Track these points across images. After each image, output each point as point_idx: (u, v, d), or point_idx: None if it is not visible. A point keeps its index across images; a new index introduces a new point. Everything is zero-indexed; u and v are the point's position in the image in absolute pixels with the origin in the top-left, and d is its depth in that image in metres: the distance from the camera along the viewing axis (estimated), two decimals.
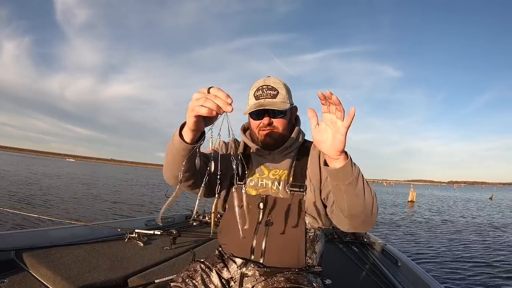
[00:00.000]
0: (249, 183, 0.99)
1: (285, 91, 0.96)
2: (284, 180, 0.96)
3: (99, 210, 8.26)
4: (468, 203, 20.47)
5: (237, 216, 0.74)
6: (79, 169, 39.63)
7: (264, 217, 0.92)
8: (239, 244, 0.93)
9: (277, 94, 0.94)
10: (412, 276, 1.67)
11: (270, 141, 0.97)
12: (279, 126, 0.96)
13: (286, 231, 0.90)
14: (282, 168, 0.99)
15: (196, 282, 0.89)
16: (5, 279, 1.23)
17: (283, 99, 0.95)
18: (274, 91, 0.94)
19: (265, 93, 0.94)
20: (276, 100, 0.94)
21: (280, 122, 0.96)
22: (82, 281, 1.26)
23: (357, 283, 1.73)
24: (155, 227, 2.18)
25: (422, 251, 5.77)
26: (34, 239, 1.58)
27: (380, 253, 2.15)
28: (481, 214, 13.45)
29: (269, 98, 0.94)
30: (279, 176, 0.97)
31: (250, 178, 0.99)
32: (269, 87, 0.95)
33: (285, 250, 0.90)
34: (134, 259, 1.61)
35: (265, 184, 0.97)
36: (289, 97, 0.98)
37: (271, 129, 0.95)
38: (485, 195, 35.82)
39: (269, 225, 0.90)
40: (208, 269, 0.94)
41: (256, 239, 0.91)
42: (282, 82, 0.98)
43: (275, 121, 0.95)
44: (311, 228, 0.94)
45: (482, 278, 4.25)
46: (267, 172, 0.99)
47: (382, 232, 7.75)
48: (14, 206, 6.90)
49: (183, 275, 0.92)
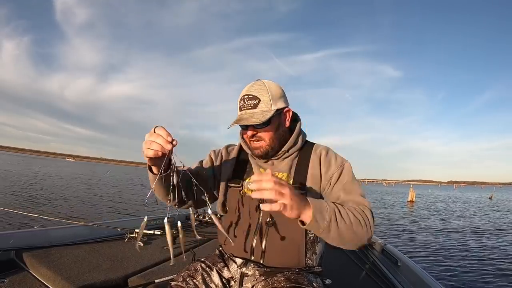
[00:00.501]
0: (246, 185, 0.97)
1: (268, 98, 0.90)
2: None
3: (99, 210, 8.26)
4: (468, 203, 20.47)
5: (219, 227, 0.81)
6: (79, 169, 39.61)
7: (263, 218, 0.91)
8: (239, 244, 0.93)
9: (258, 103, 0.89)
10: (412, 276, 1.67)
11: (259, 153, 0.94)
12: (265, 137, 0.92)
13: (286, 232, 0.89)
14: (282, 171, 0.96)
15: (196, 281, 0.90)
16: (5, 279, 1.23)
17: (266, 107, 0.89)
18: (255, 101, 0.89)
19: (246, 104, 0.90)
20: (256, 111, 0.89)
21: (266, 132, 0.92)
22: (82, 281, 1.26)
23: (357, 283, 1.73)
24: (155, 227, 2.18)
25: (421, 251, 5.77)
26: (34, 239, 1.58)
27: (380, 253, 2.15)
28: (480, 214, 13.46)
29: (250, 109, 0.90)
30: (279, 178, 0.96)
31: (248, 181, 0.97)
32: (250, 97, 0.90)
33: (285, 251, 0.90)
34: (134, 259, 1.60)
35: None
36: (275, 101, 0.91)
37: (257, 139, 0.92)
38: (484, 195, 35.84)
39: (269, 226, 0.89)
40: (209, 269, 0.95)
41: (256, 239, 0.90)
42: (267, 87, 0.91)
43: (260, 132, 0.92)
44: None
45: (481, 277, 4.25)
46: None
47: (382, 232, 7.76)
48: (14, 206, 6.90)
49: (183, 274, 0.93)
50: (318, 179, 0.93)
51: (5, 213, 5.69)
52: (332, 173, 0.92)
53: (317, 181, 0.93)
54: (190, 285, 0.88)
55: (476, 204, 20.16)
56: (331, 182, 0.92)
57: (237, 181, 0.99)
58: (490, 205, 19.55)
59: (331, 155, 0.97)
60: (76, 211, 7.66)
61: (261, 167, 0.99)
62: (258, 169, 0.99)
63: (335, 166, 0.94)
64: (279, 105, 0.92)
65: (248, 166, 1.02)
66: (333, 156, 0.97)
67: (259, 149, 0.94)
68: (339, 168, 0.93)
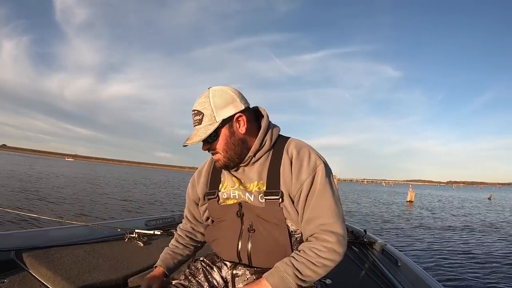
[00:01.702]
0: (221, 196, 0.96)
1: (210, 110, 0.86)
2: (257, 191, 0.90)
3: (100, 209, 8.26)
4: (467, 203, 20.48)
5: None
6: (78, 168, 39.61)
7: (245, 224, 0.91)
8: (226, 249, 0.94)
9: (202, 118, 0.87)
10: (412, 276, 1.67)
11: (219, 165, 0.92)
12: (219, 149, 0.89)
13: (269, 236, 0.88)
14: (252, 180, 0.92)
15: (199, 279, 0.92)
16: (5, 279, 1.23)
17: (210, 121, 0.86)
18: (199, 116, 0.87)
19: (194, 120, 0.89)
20: (201, 126, 0.87)
21: (218, 145, 0.89)
22: (82, 281, 1.26)
23: (357, 283, 1.74)
24: (155, 227, 2.18)
25: (421, 251, 5.78)
26: (34, 239, 1.58)
27: (380, 253, 2.15)
28: (479, 214, 13.47)
29: (197, 125, 0.88)
30: (250, 189, 0.91)
31: (222, 191, 0.96)
32: (195, 112, 0.89)
33: (271, 253, 0.89)
34: (134, 259, 1.60)
35: (237, 195, 0.93)
36: (219, 112, 0.87)
37: (214, 152, 0.91)
38: (484, 195, 35.86)
39: (251, 232, 0.89)
40: (209, 267, 0.97)
41: (241, 244, 0.90)
42: (211, 98, 0.88)
43: (214, 145, 0.89)
44: (297, 230, 0.90)
45: (481, 277, 4.26)
46: (237, 183, 0.94)
47: (381, 232, 7.76)
48: (14, 206, 6.90)
49: (186, 272, 0.94)
50: (289, 184, 0.87)
51: (5, 213, 5.69)
52: (304, 179, 0.85)
53: (289, 186, 0.87)
54: (193, 283, 0.89)
55: (475, 204, 20.17)
56: (302, 190, 0.85)
57: (212, 192, 0.98)
58: (490, 205, 19.55)
59: (304, 155, 0.88)
60: (76, 211, 7.66)
61: (233, 175, 0.96)
62: (231, 178, 0.95)
63: (307, 170, 0.86)
64: (224, 114, 0.87)
65: (222, 176, 0.99)
66: (305, 156, 0.88)
67: (218, 162, 0.92)
68: (311, 173, 0.86)
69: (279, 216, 0.87)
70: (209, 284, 0.92)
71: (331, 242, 0.81)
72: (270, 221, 0.88)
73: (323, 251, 0.80)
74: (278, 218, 0.87)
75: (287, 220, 0.88)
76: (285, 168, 0.88)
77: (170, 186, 22.94)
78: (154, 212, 8.47)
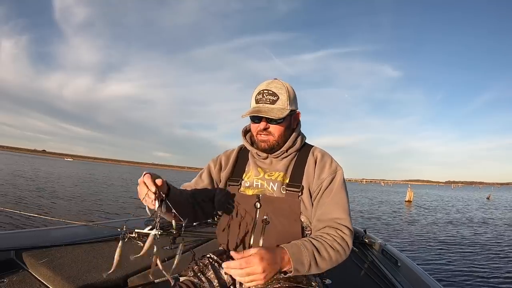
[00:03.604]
0: (244, 184, 1.01)
1: (286, 97, 0.95)
2: (280, 181, 0.97)
3: (100, 209, 8.26)
4: (466, 203, 20.51)
5: None
6: (78, 168, 39.56)
7: (260, 216, 0.94)
8: (237, 243, 0.95)
9: (277, 100, 0.94)
10: (412, 276, 1.67)
11: (264, 147, 0.98)
12: (275, 132, 0.97)
13: (283, 230, 0.91)
14: (278, 170, 1.00)
15: (208, 276, 0.91)
16: (5, 279, 1.23)
17: (283, 105, 0.95)
18: (274, 97, 0.95)
19: (264, 98, 0.95)
20: (274, 107, 0.94)
21: (277, 128, 0.96)
22: (82, 281, 1.26)
23: (357, 283, 1.74)
24: (155, 227, 2.17)
25: (420, 251, 5.79)
26: (34, 239, 1.58)
27: (380, 253, 2.15)
28: (478, 214, 13.48)
29: (268, 104, 0.94)
30: (275, 177, 0.98)
31: (246, 179, 1.01)
32: (270, 92, 0.95)
33: None
34: (134, 259, 1.60)
35: (260, 185, 0.98)
36: (291, 102, 0.97)
37: (266, 134, 0.97)
38: (482, 195, 35.90)
39: (265, 224, 0.92)
40: (217, 264, 0.96)
41: (253, 238, 0.92)
42: (286, 87, 0.97)
43: (272, 127, 0.96)
44: (308, 226, 0.95)
45: (481, 276, 4.26)
46: (262, 173, 1.00)
47: (380, 232, 7.77)
48: (14, 206, 6.89)
49: (194, 269, 0.92)
50: (311, 180, 0.96)
51: (5, 213, 5.69)
52: (324, 178, 0.95)
53: (311, 182, 0.96)
54: (203, 280, 0.88)
55: (474, 204, 20.19)
56: (322, 187, 0.95)
57: (235, 179, 1.03)
58: (488, 205, 19.58)
59: (327, 159, 1.00)
60: (76, 211, 7.65)
61: (258, 166, 1.02)
62: (256, 168, 1.02)
63: (328, 171, 0.97)
64: (293, 106, 0.99)
65: (247, 165, 1.05)
66: (328, 160, 1.00)
67: (266, 142, 0.97)
68: (332, 174, 0.96)
69: (296, 209, 0.93)
70: (219, 281, 0.91)
71: (346, 235, 0.88)
72: (286, 213, 0.93)
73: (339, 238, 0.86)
74: (295, 211, 0.93)
75: (301, 215, 0.94)
76: (309, 166, 0.98)
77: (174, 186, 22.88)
78: None
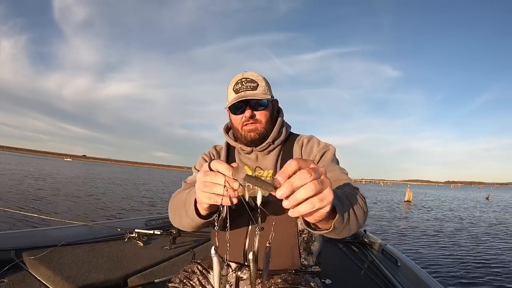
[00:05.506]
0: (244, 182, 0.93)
1: (264, 83, 0.93)
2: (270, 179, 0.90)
3: (100, 209, 8.26)
4: (465, 203, 20.48)
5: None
6: (77, 168, 39.57)
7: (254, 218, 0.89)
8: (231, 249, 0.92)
9: (257, 86, 0.91)
10: (412, 276, 1.67)
11: (254, 136, 0.92)
12: (262, 118, 0.92)
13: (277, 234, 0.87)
14: (267, 168, 0.94)
15: (193, 283, 0.88)
16: (5, 279, 1.23)
17: (264, 91, 0.92)
18: (253, 83, 0.91)
19: (245, 86, 0.91)
20: (257, 92, 0.91)
21: (263, 114, 0.92)
22: (82, 281, 1.26)
23: (357, 283, 1.73)
24: (155, 227, 2.18)
25: (420, 250, 5.78)
26: (34, 239, 1.58)
27: (380, 253, 2.15)
28: (477, 214, 13.48)
29: (250, 90, 0.90)
30: (264, 176, 0.92)
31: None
32: (248, 80, 0.92)
33: (278, 253, 0.86)
34: (134, 259, 1.61)
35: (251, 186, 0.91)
36: (269, 89, 0.95)
37: (254, 122, 0.91)
38: (482, 195, 35.88)
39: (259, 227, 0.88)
40: (205, 271, 0.93)
41: (247, 243, 0.88)
42: (261, 76, 0.95)
43: (258, 113, 0.91)
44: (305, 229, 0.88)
45: (481, 276, 4.26)
46: (250, 172, 0.93)
47: (380, 232, 7.77)
48: (14, 206, 6.89)
49: (180, 275, 0.91)
50: None
51: (5, 213, 5.68)
52: (314, 155, 0.90)
53: None
54: (187, 287, 0.86)
55: (473, 204, 20.17)
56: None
57: None
58: (488, 205, 19.57)
59: (314, 141, 0.96)
60: (76, 211, 7.65)
61: (245, 164, 0.97)
62: (242, 165, 0.95)
63: (317, 149, 0.92)
64: (271, 93, 0.96)
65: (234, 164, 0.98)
66: (315, 141, 0.95)
67: (255, 131, 0.92)
68: (322, 150, 0.91)
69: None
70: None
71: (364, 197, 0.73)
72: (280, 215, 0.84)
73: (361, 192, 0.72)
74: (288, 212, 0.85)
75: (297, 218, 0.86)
76: (296, 155, 0.93)
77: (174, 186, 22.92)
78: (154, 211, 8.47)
